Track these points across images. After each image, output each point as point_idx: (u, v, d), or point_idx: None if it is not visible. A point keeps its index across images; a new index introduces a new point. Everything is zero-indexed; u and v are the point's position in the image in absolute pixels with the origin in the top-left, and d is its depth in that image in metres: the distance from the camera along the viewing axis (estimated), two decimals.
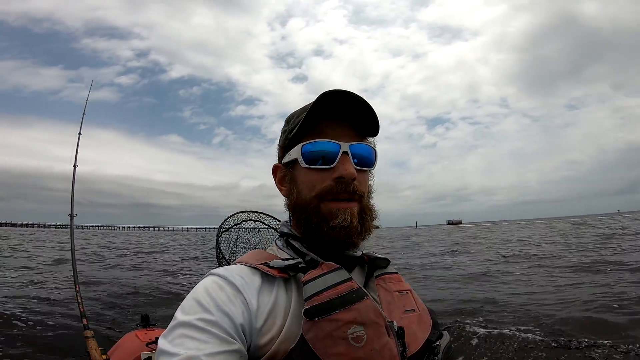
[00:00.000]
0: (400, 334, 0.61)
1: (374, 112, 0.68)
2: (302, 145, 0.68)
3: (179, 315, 0.57)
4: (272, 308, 0.60)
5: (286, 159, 0.71)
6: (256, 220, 2.45)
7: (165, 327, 0.59)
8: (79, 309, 2.56)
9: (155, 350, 2.08)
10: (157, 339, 2.24)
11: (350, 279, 0.62)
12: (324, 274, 0.61)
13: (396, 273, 0.74)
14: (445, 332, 0.71)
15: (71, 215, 3.00)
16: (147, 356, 2.21)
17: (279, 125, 0.79)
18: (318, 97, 0.64)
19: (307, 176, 0.68)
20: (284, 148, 0.73)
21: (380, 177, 0.75)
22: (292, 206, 0.71)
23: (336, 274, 0.62)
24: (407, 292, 0.72)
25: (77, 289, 2.64)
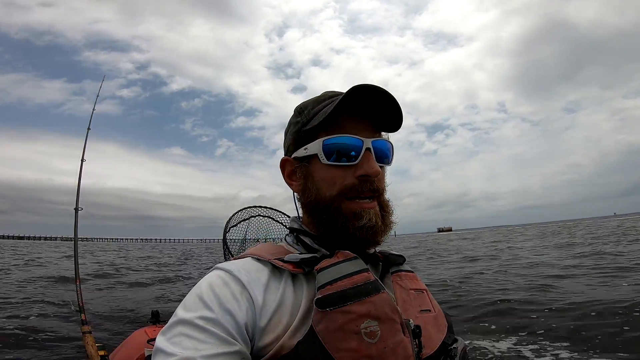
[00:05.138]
0: (416, 332, 0.56)
1: (400, 109, 0.64)
2: (323, 140, 0.63)
3: (180, 311, 0.53)
4: (279, 306, 0.56)
5: (301, 153, 0.66)
6: (265, 216, 2.37)
7: None
8: (79, 303, 2.49)
9: None
10: None
11: (366, 270, 0.58)
12: (338, 262, 0.58)
13: (412, 271, 0.71)
14: (459, 338, 0.66)
15: (76, 209, 2.95)
16: (150, 353, 2.10)
17: (281, 136, 0.76)
18: (347, 91, 0.60)
19: (327, 173, 0.63)
20: (296, 140, 0.68)
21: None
22: (308, 204, 0.66)
23: (352, 263, 0.58)
24: (423, 292, 0.68)
25: (78, 282, 2.57)
